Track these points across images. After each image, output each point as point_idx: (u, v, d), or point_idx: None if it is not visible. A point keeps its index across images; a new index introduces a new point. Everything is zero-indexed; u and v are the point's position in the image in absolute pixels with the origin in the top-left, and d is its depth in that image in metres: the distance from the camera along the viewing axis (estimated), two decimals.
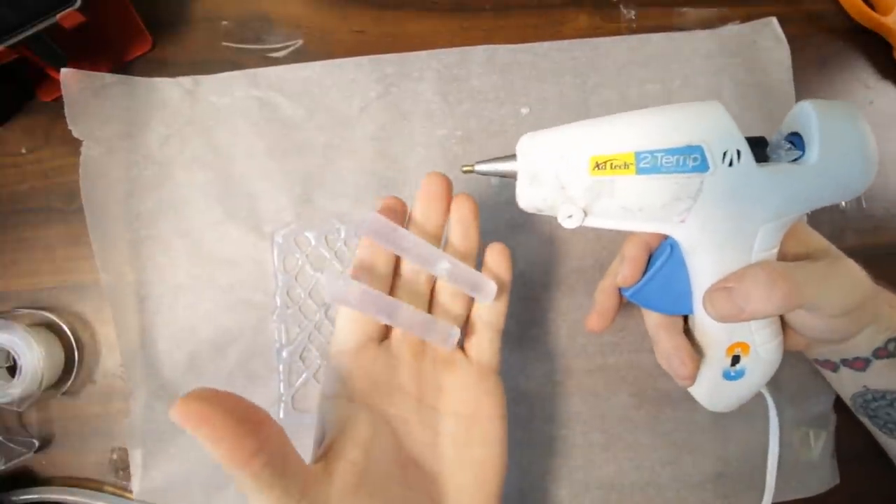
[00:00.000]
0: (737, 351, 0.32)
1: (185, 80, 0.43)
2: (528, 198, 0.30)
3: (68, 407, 0.43)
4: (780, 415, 0.43)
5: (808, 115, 0.29)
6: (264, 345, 0.42)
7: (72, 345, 0.42)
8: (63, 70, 0.39)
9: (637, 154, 0.27)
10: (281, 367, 0.42)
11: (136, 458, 0.41)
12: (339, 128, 0.43)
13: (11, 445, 0.41)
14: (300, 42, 0.44)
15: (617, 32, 0.45)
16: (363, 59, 0.44)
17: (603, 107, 0.44)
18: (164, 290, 0.42)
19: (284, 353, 0.42)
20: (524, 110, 0.44)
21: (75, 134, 0.40)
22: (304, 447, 0.41)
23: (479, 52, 0.44)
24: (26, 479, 0.42)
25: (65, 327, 0.42)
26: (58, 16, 0.36)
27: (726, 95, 0.45)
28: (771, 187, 0.28)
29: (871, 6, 0.45)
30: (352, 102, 0.43)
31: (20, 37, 0.36)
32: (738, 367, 0.32)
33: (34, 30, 0.36)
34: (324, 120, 0.43)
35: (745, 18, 0.45)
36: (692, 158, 0.27)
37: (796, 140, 0.30)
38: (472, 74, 0.44)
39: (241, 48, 0.44)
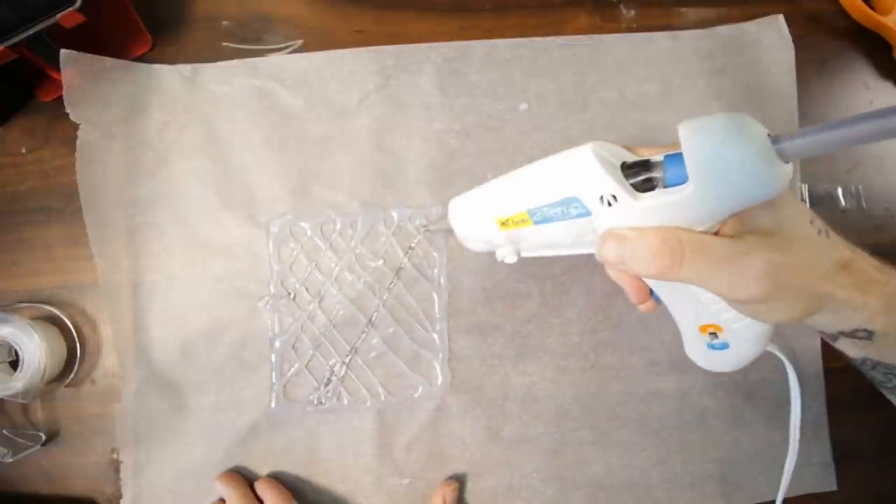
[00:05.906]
0: (710, 330, 0.32)
1: (185, 68, 0.43)
2: (469, 246, 0.35)
3: (69, 407, 0.43)
4: (772, 419, 0.43)
5: (679, 138, 0.26)
6: (257, 334, 0.42)
7: (73, 338, 0.42)
8: (63, 51, 0.39)
9: (529, 211, 0.30)
10: (273, 357, 0.42)
11: (127, 446, 0.41)
12: (337, 119, 0.43)
13: (18, 439, 0.41)
14: (300, 42, 0.44)
15: (617, 32, 0.45)
16: (363, 50, 0.44)
17: (602, 105, 0.44)
18: (158, 277, 0.42)
19: (277, 343, 0.42)
20: (523, 106, 0.44)
21: (73, 117, 0.40)
22: (296, 437, 0.42)
23: (479, 46, 0.44)
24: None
25: (66, 320, 0.42)
26: (58, 16, 0.36)
27: (726, 96, 0.44)
28: (656, 216, 0.27)
29: (871, 6, 0.45)
30: (350, 94, 0.43)
31: (20, 37, 0.36)
32: (718, 341, 0.33)
33: (34, 30, 0.36)
34: (322, 111, 0.43)
35: (745, 19, 0.45)
36: (573, 207, 0.29)
37: (669, 161, 0.27)
38: (472, 69, 0.44)
39: (241, 48, 0.44)
